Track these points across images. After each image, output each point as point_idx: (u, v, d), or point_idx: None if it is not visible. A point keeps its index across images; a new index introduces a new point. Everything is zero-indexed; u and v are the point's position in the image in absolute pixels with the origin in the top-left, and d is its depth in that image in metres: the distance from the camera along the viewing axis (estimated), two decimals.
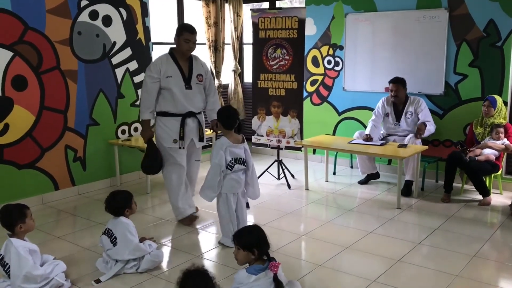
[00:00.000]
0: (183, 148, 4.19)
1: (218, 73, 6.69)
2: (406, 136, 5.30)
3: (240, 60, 7.11)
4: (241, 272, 2.64)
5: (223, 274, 3.31)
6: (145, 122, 4.17)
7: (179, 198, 4.27)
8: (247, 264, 2.67)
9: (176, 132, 4.13)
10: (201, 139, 4.30)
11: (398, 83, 5.32)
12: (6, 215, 3.04)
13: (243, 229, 2.83)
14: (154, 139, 4.25)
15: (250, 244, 2.61)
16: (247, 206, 3.95)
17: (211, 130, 4.58)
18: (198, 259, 3.60)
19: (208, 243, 3.97)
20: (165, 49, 6.38)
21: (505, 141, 4.79)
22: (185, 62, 4.17)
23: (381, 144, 5.08)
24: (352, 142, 5.29)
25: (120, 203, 3.40)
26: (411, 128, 5.37)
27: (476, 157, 4.76)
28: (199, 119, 4.27)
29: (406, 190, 5.11)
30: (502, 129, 4.80)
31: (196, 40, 4.14)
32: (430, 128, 5.26)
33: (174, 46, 4.19)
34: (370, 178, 5.63)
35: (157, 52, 6.00)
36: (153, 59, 5.81)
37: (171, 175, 4.23)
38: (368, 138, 5.25)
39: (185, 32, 4.06)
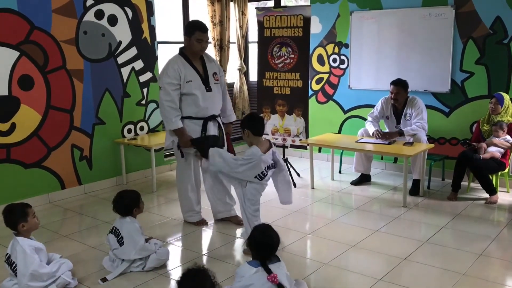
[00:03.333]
0: None
1: (224, 72, 6.69)
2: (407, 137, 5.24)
3: (245, 59, 7.11)
4: (243, 265, 2.69)
5: (228, 273, 3.32)
6: (179, 130, 3.88)
7: (194, 203, 4.21)
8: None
9: (196, 135, 3.95)
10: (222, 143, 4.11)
11: (399, 85, 5.19)
12: (8, 214, 3.06)
13: (259, 226, 2.84)
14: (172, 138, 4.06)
15: (250, 243, 2.68)
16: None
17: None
18: (204, 257, 3.61)
19: (214, 241, 3.97)
20: (171, 48, 6.42)
21: (510, 139, 4.76)
22: (198, 62, 3.98)
23: (389, 143, 5.05)
24: (359, 141, 5.27)
25: (128, 203, 3.40)
26: None
27: (481, 156, 4.74)
28: (219, 122, 4.11)
29: (414, 189, 5.08)
30: (498, 127, 4.76)
31: (208, 39, 3.97)
32: (413, 128, 5.11)
33: (183, 45, 4.01)
34: (363, 179, 5.57)
35: (163, 51, 6.02)
36: (159, 59, 5.88)
37: (187, 185, 4.13)
38: (381, 133, 5.19)
39: (197, 31, 3.84)
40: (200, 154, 3.90)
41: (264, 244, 2.63)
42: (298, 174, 5.84)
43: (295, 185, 5.42)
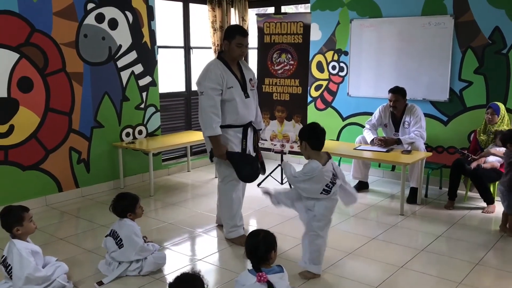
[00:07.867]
0: None
1: None
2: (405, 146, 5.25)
3: None
4: (244, 273, 2.66)
5: (225, 279, 3.31)
6: (217, 137, 3.72)
7: (237, 216, 4.02)
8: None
9: (238, 145, 3.84)
10: (255, 150, 4.03)
11: (397, 93, 5.22)
12: (4, 217, 3.05)
13: (252, 231, 2.79)
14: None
15: (246, 250, 2.66)
16: None
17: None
18: (200, 263, 3.60)
19: (211, 247, 3.96)
20: (171, 53, 6.42)
21: None
22: (236, 68, 3.88)
23: (387, 151, 5.06)
24: (357, 148, 5.27)
25: (125, 205, 3.41)
26: None
27: (482, 165, 4.74)
28: (255, 128, 4.03)
29: (412, 197, 5.09)
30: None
31: (248, 44, 3.87)
32: (412, 136, 5.14)
33: (221, 51, 3.95)
34: (361, 186, 5.56)
35: (163, 55, 6.03)
36: (158, 63, 5.88)
37: (232, 193, 3.92)
38: (381, 139, 5.20)
39: (238, 36, 3.76)
40: (234, 170, 3.80)
41: (249, 246, 2.63)
42: None
43: None
